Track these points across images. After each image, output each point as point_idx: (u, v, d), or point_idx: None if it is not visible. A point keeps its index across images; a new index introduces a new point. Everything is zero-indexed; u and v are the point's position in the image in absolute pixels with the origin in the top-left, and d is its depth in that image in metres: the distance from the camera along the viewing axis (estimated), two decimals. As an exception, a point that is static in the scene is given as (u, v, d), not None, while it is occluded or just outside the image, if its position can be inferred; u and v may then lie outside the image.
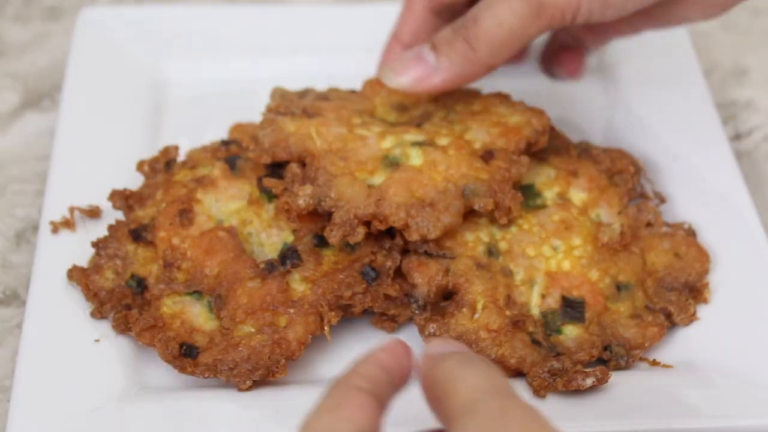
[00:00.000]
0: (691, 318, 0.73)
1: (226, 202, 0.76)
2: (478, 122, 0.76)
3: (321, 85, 0.83)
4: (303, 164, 0.73)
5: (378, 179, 0.72)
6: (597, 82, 0.92)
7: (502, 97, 0.80)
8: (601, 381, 0.67)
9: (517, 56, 0.88)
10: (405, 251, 0.73)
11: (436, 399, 0.53)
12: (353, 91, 0.81)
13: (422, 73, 0.74)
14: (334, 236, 0.70)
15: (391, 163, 0.73)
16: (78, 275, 0.73)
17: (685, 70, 0.90)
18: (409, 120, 0.78)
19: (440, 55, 0.73)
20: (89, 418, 0.66)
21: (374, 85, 0.80)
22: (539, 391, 0.67)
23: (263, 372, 0.68)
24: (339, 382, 0.53)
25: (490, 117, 0.77)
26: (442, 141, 0.75)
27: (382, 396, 0.53)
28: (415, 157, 0.73)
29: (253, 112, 0.86)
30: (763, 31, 1.02)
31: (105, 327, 0.71)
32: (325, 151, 0.73)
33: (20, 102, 0.93)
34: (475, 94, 0.80)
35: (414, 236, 0.70)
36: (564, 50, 0.88)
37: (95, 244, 0.74)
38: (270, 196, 0.76)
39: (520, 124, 0.76)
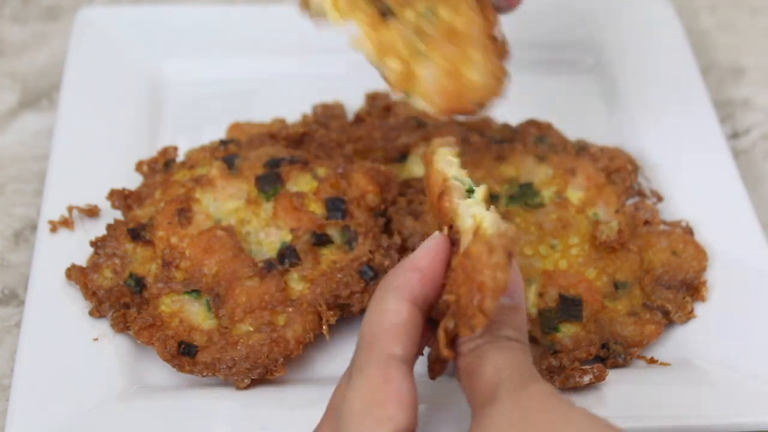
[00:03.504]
0: (689, 316, 0.73)
1: (224, 201, 0.76)
2: None
3: (319, 86, 0.83)
4: None
5: None
6: (594, 80, 0.92)
7: None
8: (599, 378, 0.67)
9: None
10: (403, 250, 0.73)
11: (465, 376, 0.57)
12: None
13: None
14: None
15: None
16: (77, 274, 0.73)
17: (683, 69, 0.90)
18: None
19: None
20: (88, 417, 0.66)
21: None
22: (537, 389, 0.68)
23: (261, 371, 0.68)
24: (372, 345, 0.56)
25: None
26: None
27: (416, 345, 0.57)
28: None
29: (251, 112, 0.86)
30: (761, 31, 1.02)
31: (104, 326, 0.71)
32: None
33: (18, 102, 0.93)
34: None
35: None
36: None
37: (94, 244, 0.74)
38: (268, 195, 0.76)
39: None
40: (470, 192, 0.62)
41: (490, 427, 0.54)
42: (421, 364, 0.60)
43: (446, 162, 0.64)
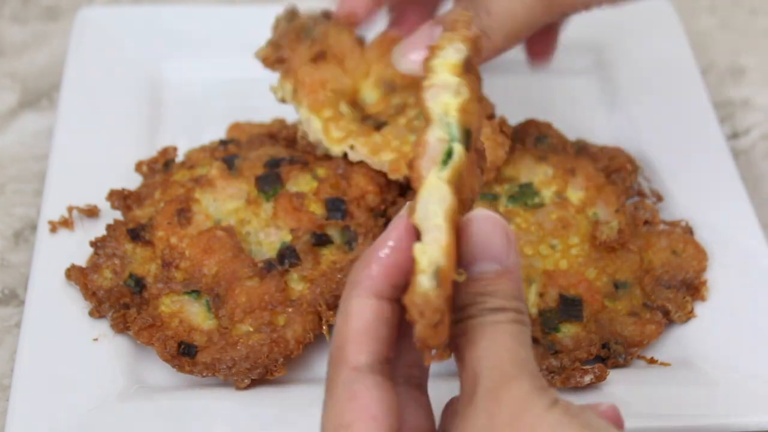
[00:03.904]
0: (689, 315, 0.73)
1: (224, 201, 0.76)
2: None
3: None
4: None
5: None
6: (595, 80, 0.92)
7: None
8: (599, 378, 0.67)
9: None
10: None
11: (455, 352, 0.53)
12: (360, 42, 0.80)
13: None
14: None
15: None
16: (76, 274, 0.73)
17: (683, 69, 0.90)
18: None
19: None
20: (88, 417, 0.66)
21: (384, 43, 0.78)
22: (537, 389, 0.67)
23: (261, 371, 0.68)
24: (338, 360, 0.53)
25: None
26: None
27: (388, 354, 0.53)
28: None
29: (251, 112, 0.86)
30: (761, 31, 1.02)
31: (103, 326, 0.71)
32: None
33: (18, 102, 0.93)
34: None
35: None
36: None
37: (93, 244, 0.74)
38: (268, 195, 0.76)
39: None
40: (448, 156, 0.51)
41: None
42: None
43: (443, 83, 0.49)
